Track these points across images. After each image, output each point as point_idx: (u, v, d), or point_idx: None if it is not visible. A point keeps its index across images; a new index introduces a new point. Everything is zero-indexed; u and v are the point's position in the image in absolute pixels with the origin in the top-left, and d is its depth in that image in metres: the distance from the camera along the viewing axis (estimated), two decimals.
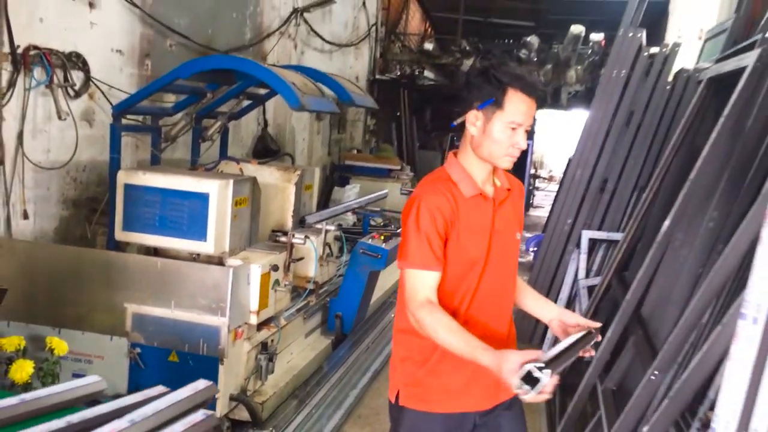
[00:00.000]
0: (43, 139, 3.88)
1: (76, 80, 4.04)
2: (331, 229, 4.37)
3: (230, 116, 4.67)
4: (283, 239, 3.86)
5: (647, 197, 4.15)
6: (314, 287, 4.19)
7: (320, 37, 8.21)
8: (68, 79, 3.98)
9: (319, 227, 4.30)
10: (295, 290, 4.11)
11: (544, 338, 5.29)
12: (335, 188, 7.81)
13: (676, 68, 5.29)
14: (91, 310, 3.38)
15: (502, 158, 1.90)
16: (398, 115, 11.88)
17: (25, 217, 3.78)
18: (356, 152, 9.60)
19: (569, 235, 5.40)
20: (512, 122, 1.85)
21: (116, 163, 3.82)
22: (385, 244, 4.58)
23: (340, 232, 4.72)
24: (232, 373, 3.38)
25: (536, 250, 5.56)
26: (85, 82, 4.13)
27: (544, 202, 15.06)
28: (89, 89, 4.18)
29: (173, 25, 5.06)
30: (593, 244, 5.29)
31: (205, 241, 3.40)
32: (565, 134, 17.75)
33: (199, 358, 3.28)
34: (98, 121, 4.31)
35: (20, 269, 3.37)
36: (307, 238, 3.90)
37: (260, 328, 3.66)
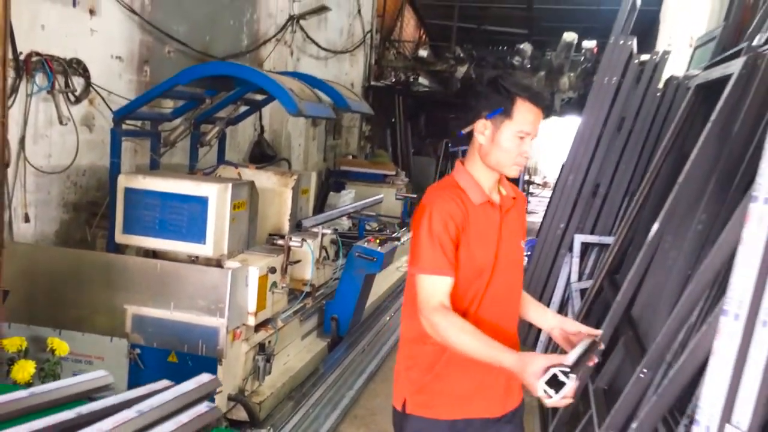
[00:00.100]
0: (44, 143, 3.94)
1: (76, 86, 4.12)
2: (327, 232, 4.43)
3: (228, 122, 4.73)
4: (280, 242, 3.92)
5: (637, 201, 4.21)
6: (311, 290, 4.25)
7: (316, 44, 8.28)
8: (69, 84, 4.05)
9: (315, 231, 4.35)
10: (291, 293, 4.16)
11: (537, 341, 5.34)
12: (331, 193, 7.87)
13: (667, 75, 5.36)
14: (91, 311, 3.43)
15: (509, 166, 1.94)
16: (393, 121, 11.96)
17: (26, 220, 3.84)
18: (351, 158, 9.68)
19: (562, 238, 5.46)
20: (521, 131, 1.89)
21: (117, 167, 3.87)
22: (380, 247, 4.63)
23: (336, 235, 4.78)
24: (230, 373, 3.43)
25: (529, 254, 5.61)
26: (85, 87, 4.20)
27: (538, 207, 15.09)
28: (89, 95, 4.25)
29: (172, 32, 5.13)
30: (585, 247, 5.35)
31: (204, 243, 3.46)
32: (559, 140, 17.83)
33: (198, 358, 3.32)
34: (98, 126, 4.37)
35: (22, 271, 3.40)
36: (304, 241, 3.96)
37: (258, 329, 3.72)
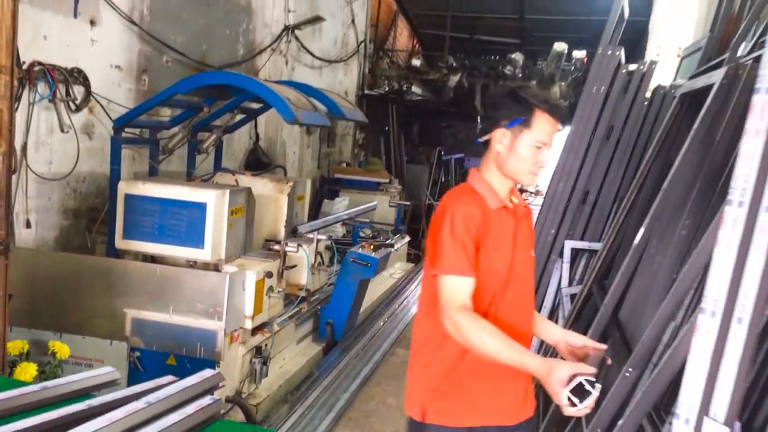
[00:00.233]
0: (45, 151, 4.01)
1: (77, 95, 4.19)
2: (322, 238, 4.52)
3: (225, 130, 4.82)
4: (276, 247, 4.01)
5: (624, 207, 4.31)
6: (306, 294, 4.33)
7: (310, 53, 8.38)
8: (70, 93, 4.13)
9: (310, 236, 4.44)
10: (287, 298, 4.24)
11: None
12: (325, 201, 7.93)
13: (654, 84, 5.48)
14: (91, 315, 3.50)
15: (526, 175, 2.00)
16: (386, 129, 12.06)
17: (27, 226, 3.91)
18: (345, 165, 9.76)
19: (552, 245, 5.54)
20: (538, 141, 1.96)
21: (117, 174, 3.96)
22: (374, 253, 4.73)
23: (331, 241, 4.87)
24: (227, 375, 3.50)
25: None
26: (85, 96, 4.27)
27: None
28: (89, 103, 4.33)
29: (169, 42, 5.21)
30: (576, 253, 5.43)
31: (202, 248, 3.54)
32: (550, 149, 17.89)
33: (196, 361, 3.40)
34: (97, 134, 4.45)
35: (23, 276, 3.47)
36: (299, 246, 4.05)
37: (254, 332, 3.80)
